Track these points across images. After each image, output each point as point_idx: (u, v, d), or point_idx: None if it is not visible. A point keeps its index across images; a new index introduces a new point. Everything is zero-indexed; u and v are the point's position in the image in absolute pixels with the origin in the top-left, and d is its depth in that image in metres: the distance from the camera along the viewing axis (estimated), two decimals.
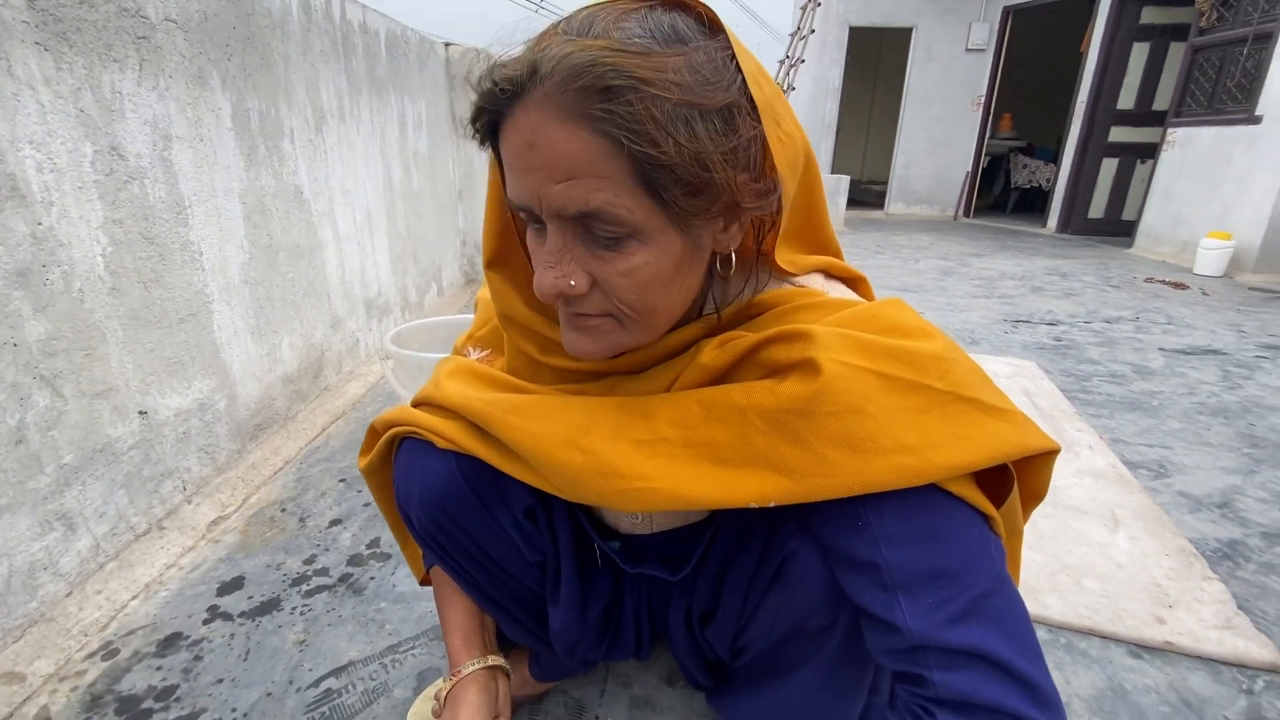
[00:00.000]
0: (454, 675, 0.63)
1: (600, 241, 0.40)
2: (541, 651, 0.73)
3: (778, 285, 0.49)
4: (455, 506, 0.57)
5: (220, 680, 0.84)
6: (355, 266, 1.86)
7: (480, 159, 2.94)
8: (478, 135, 0.42)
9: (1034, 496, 0.45)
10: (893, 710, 0.42)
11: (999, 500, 0.43)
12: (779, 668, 0.55)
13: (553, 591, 0.63)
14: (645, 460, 0.45)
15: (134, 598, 0.97)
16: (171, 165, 1.11)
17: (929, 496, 0.40)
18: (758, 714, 0.60)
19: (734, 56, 0.39)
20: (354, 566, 1.07)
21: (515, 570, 0.61)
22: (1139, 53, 4.89)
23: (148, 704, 0.80)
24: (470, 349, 0.63)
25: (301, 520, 1.20)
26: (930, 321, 0.45)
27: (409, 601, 0.98)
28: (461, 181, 2.86)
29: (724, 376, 0.46)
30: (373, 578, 1.04)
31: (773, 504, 0.42)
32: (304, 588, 1.01)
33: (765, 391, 0.42)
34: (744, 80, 0.38)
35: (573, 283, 0.41)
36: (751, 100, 0.39)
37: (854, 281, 0.54)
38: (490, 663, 0.64)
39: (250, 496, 1.26)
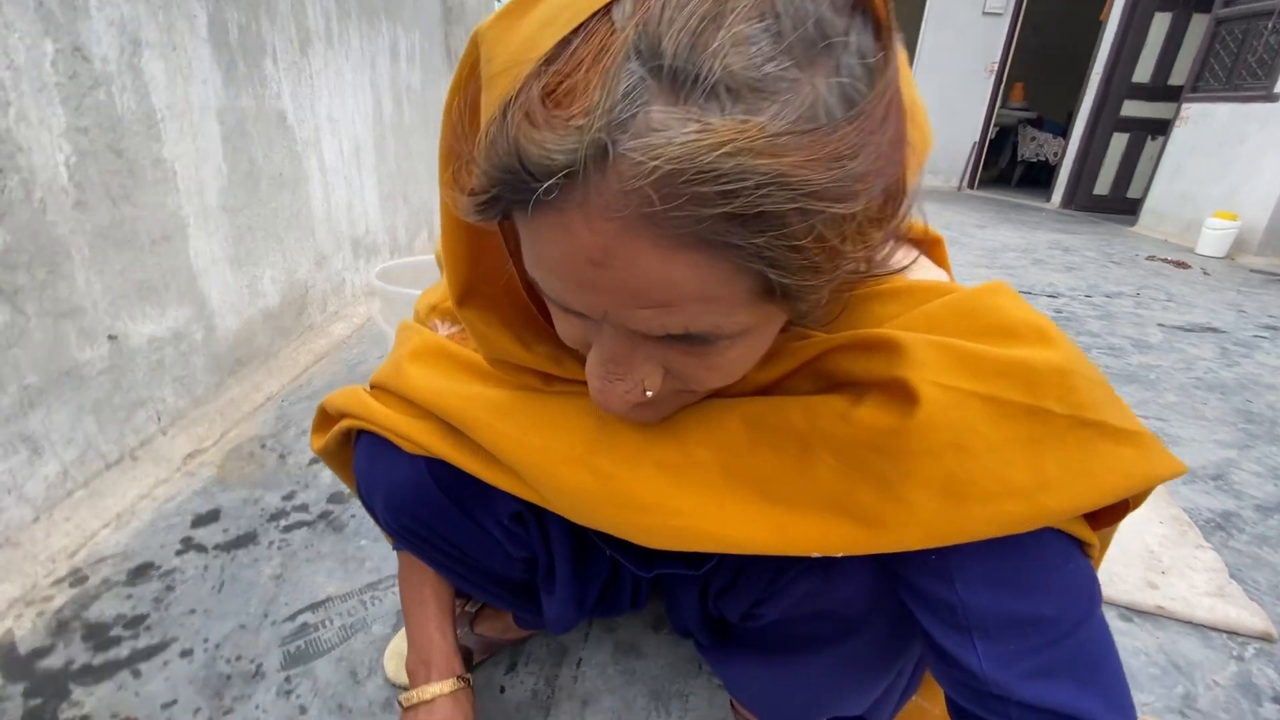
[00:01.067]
0: (424, 679, 0.58)
1: (685, 340, 0.30)
2: (528, 616, 0.69)
3: None
4: (427, 513, 0.50)
5: (193, 611, 0.81)
6: (342, 201, 1.78)
7: None
8: (483, 216, 0.27)
9: (1132, 506, 0.39)
10: None
11: (1104, 523, 0.36)
12: (793, 642, 0.49)
13: (546, 582, 0.57)
14: (674, 490, 0.37)
15: (105, 526, 0.94)
16: (141, 74, 1.03)
17: (1024, 534, 0.33)
18: (759, 681, 0.54)
19: (888, 47, 0.26)
20: (335, 504, 1.04)
21: (500, 565, 0.56)
22: (1160, 23, 4.74)
23: (116, 631, 0.77)
24: (437, 322, 0.52)
25: (281, 457, 1.16)
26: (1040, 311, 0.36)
27: None
28: None
29: (773, 384, 0.38)
30: (354, 515, 1.01)
31: (839, 554, 0.35)
32: (282, 523, 0.98)
33: (836, 417, 0.34)
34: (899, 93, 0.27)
35: (649, 393, 0.32)
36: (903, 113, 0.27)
37: (930, 244, 0.44)
38: (463, 685, 0.59)
39: (229, 431, 1.22)
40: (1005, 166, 7.09)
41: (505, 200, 0.26)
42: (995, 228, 4.28)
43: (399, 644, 0.76)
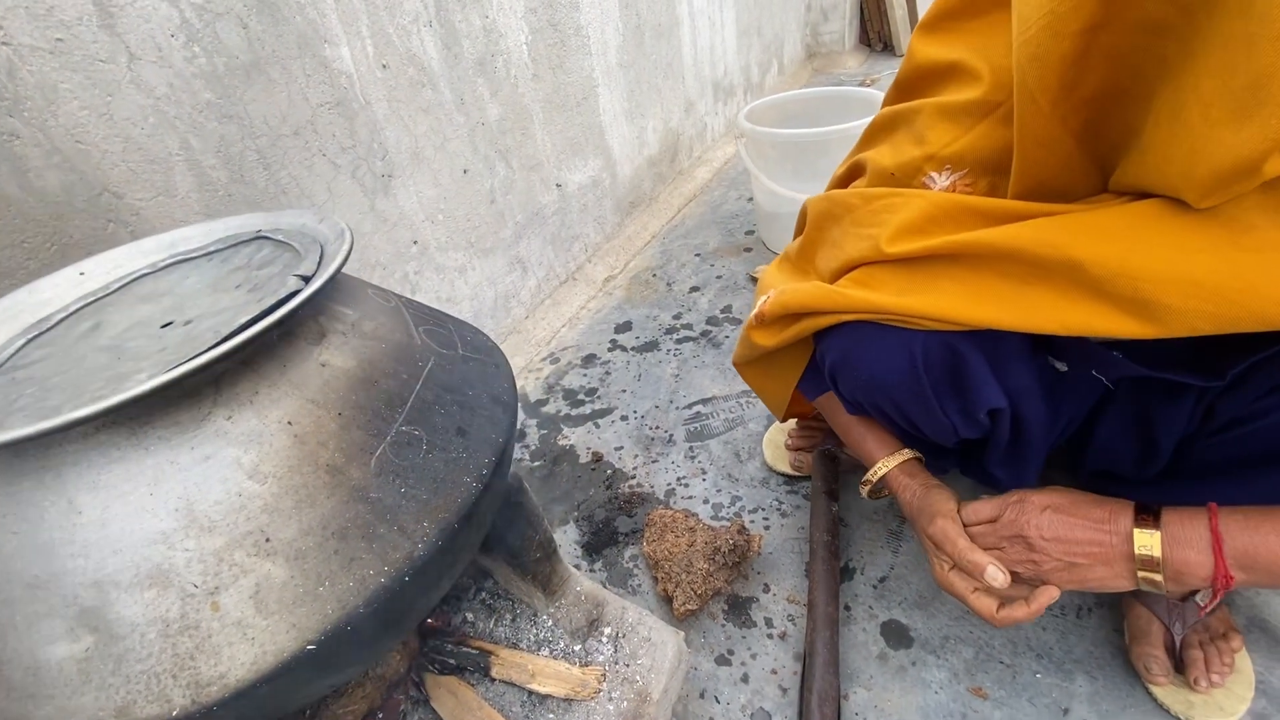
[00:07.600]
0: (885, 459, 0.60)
1: None
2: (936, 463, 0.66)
3: None
4: (900, 394, 0.50)
5: (624, 390, 1.10)
6: (706, 44, 1.85)
7: None
8: None
9: None
10: None
11: None
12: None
13: (1007, 455, 0.56)
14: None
15: (563, 325, 1.31)
16: None
17: None
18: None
19: None
20: (712, 325, 1.23)
21: (940, 438, 0.55)
22: None
23: (580, 396, 1.11)
24: (934, 174, 0.46)
25: (669, 285, 1.40)
26: None
27: None
28: None
29: None
30: (728, 336, 1.19)
31: None
32: (675, 336, 1.22)
33: None
34: None
35: None
36: None
37: None
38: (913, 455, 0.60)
39: (629, 262, 1.52)
40: None
41: None
42: None
43: (774, 435, 0.92)
